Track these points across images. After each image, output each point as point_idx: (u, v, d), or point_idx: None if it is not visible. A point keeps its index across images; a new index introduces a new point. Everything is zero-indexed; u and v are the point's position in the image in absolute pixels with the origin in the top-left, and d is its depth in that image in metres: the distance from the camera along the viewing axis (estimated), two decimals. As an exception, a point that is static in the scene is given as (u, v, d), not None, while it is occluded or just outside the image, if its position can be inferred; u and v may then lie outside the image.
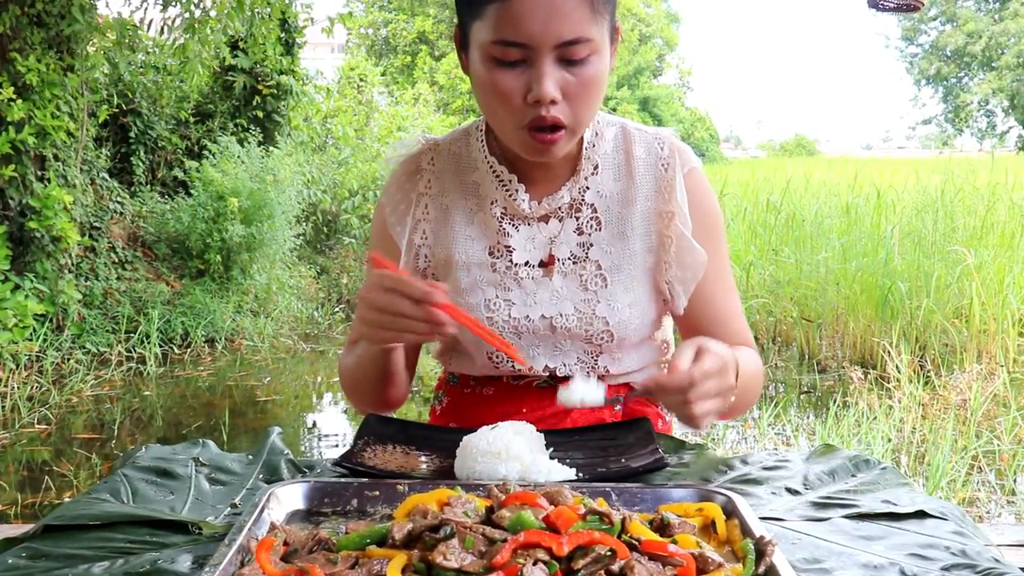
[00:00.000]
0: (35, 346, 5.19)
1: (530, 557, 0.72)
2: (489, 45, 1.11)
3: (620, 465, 1.09)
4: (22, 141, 5.11)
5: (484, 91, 1.16)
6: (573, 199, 1.28)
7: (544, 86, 1.10)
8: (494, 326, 1.29)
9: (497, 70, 1.12)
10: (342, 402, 5.21)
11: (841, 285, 5.76)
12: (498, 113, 1.16)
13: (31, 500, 3.48)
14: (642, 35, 35.72)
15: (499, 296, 1.29)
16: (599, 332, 1.29)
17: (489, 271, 1.29)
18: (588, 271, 1.28)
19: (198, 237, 6.69)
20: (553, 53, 1.10)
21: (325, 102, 10.27)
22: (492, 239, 1.30)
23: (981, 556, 0.84)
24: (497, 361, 1.32)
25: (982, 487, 3.47)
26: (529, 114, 1.13)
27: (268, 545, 0.78)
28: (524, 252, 1.29)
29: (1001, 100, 40.44)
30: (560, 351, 1.31)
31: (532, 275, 1.28)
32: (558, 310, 1.28)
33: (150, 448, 1.16)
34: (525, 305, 1.28)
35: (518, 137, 1.17)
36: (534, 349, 1.31)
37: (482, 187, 1.31)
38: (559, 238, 1.28)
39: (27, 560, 0.85)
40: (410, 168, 1.35)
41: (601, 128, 1.29)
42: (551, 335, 1.29)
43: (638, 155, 1.29)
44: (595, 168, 1.28)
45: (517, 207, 1.28)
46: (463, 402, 1.42)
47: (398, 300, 1.05)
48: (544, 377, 1.36)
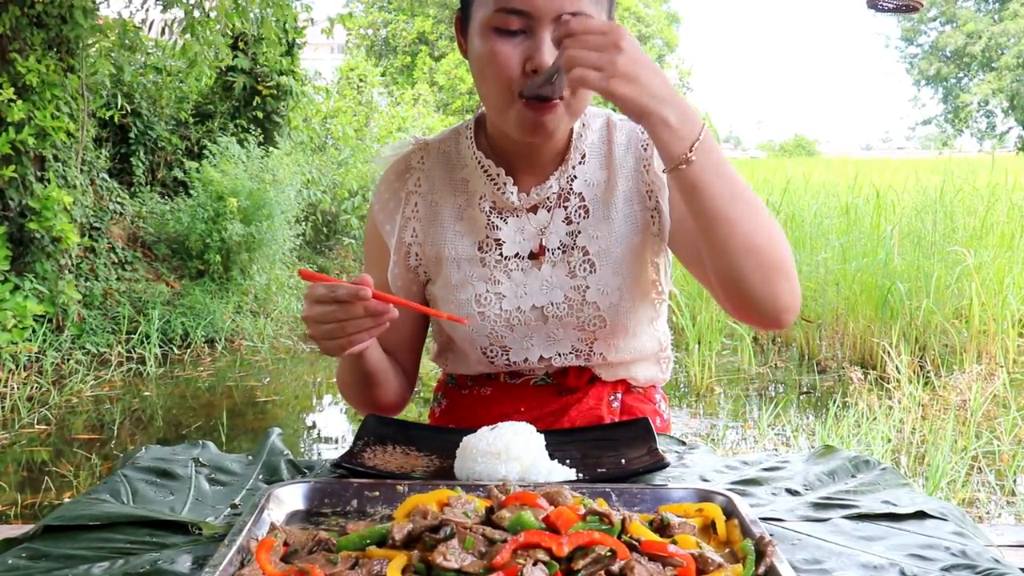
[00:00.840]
0: (35, 347, 5.20)
1: (530, 558, 0.72)
2: (491, 15, 1.12)
3: (620, 465, 1.09)
4: (22, 142, 5.11)
5: (482, 64, 1.16)
6: (561, 188, 1.29)
7: (543, 54, 1.10)
8: (485, 320, 1.29)
9: (497, 40, 1.13)
10: (342, 403, 5.22)
11: (841, 285, 5.76)
12: (494, 86, 1.16)
13: (31, 500, 3.48)
14: (642, 36, 35.67)
15: (489, 290, 1.29)
16: (591, 318, 1.29)
17: (479, 266, 1.30)
18: (576, 258, 1.28)
19: (198, 237, 6.69)
20: (553, 24, 1.10)
21: (325, 103, 10.28)
22: (481, 234, 1.30)
23: (981, 557, 0.84)
24: (491, 356, 1.33)
25: (982, 488, 3.47)
26: (525, 84, 1.13)
27: (268, 546, 0.78)
28: (514, 244, 1.29)
29: (1001, 101, 40.46)
30: (553, 340, 1.32)
31: (522, 267, 1.29)
32: (548, 299, 1.29)
33: (150, 449, 1.17)
34: (516, 297, 1.29)
35: (513, 112, 1.16)
36: (527, 340, 1.32)
37: (471, 183, 1.31)
38: (548, 228, 1.29)
39: (27, 560, 0.85)
40: (400, 168, 1.36)
41: (588, 119, 1.31)
42: (543, 325, 1.30)
43: (619, 141, 1.30)
44: (582, 158, 1.30)
45: (505, 199, 1.28)
46: (461, 403, 1.43)
47: (333, 308, 1.06)
48: (541, 375, 1.36)
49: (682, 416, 4.53)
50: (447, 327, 1.37)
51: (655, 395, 1.46)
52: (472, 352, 1.34)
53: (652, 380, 1.44)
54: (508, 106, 1.16)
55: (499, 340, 1.32)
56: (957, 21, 41.30)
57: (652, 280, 1.34)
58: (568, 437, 1.19)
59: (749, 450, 4.02)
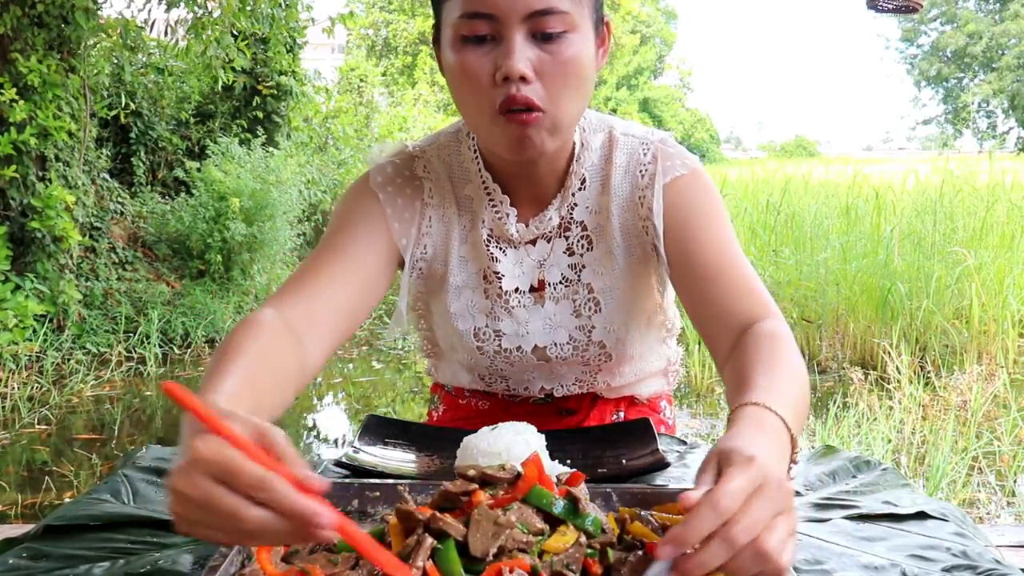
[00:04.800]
0: (35, 346, 5.20)
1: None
2: (457, 22, 1.00)
3: (620, 465, 1.09)
4: (24, 142, 5.11)
5: (454, 77, 1.04)
6: (561, 218, 1.17)
7: (512, 59, 0.98)
8: (484, 355, 1.23)
9: (465, 50, 1.01)
10: (343, 402, 5.21)
11: (841, 286, 5.76)
12: (470, 102, 1.04)
13: (31, 500, 3.48)
14: (642, 36, 35.67)
15: (489, 326, 1.21)
16: (595, 356, 1.24)
17: (481, 297, 1.21)
18: (580, 295, 1.19)
19: (199, 237, 6.69)
20: (523, 27, 0.98)
21: (325, 103, 10.28)
22: (483, 262, 1.20)
23: (982, 557, 0.84)
24: (489, 382, 1.30)
25: (982, 488, 3.46)
26: (499, 95, 1.00)
27: (268, 546, 0.78)
28: (513, 278, 1.19)
29: (1001, 101, 40.46)
30: (556, 376, 1.28)
31: (523, 302, 1.20)
32: (551, 339, 1.21)
33: (151, 448, 1.16)
34: (517, 336, 1.21)
35: (495, 128, 1.03)
36: (529, 374, 1.27)
37: (474, 202, 1.19)
38: (548, 260, 1.19)
39: (28, 560, 0.85)
40: (406, 174, 1.20)
41: (588, 137, 1.17)
42: (545, 364, 1.25)
43: (618, 163, 1.16)
44: (582, 183, 1.17)
45: (504, 230, 1.17)
46: (458, 413, 1.40)
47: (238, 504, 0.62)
48: (540, 397, 1.33)
49: (682, 416, 4.53)
50: (444, 347, 1.31)
51: (660, 403, 1.42)
52: (468, 375, 1.31)
53: (658, 393, 1.40)
54: (489, 122, 1.03)
55: (498, 372, 1.27)
56: (958, 22, 41.31)
57: (659, 308, 1.28)
58: (569, 437, 1.19)
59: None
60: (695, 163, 1.17)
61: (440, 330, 1.28)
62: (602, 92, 34.27)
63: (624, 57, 35.05)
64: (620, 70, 35.25)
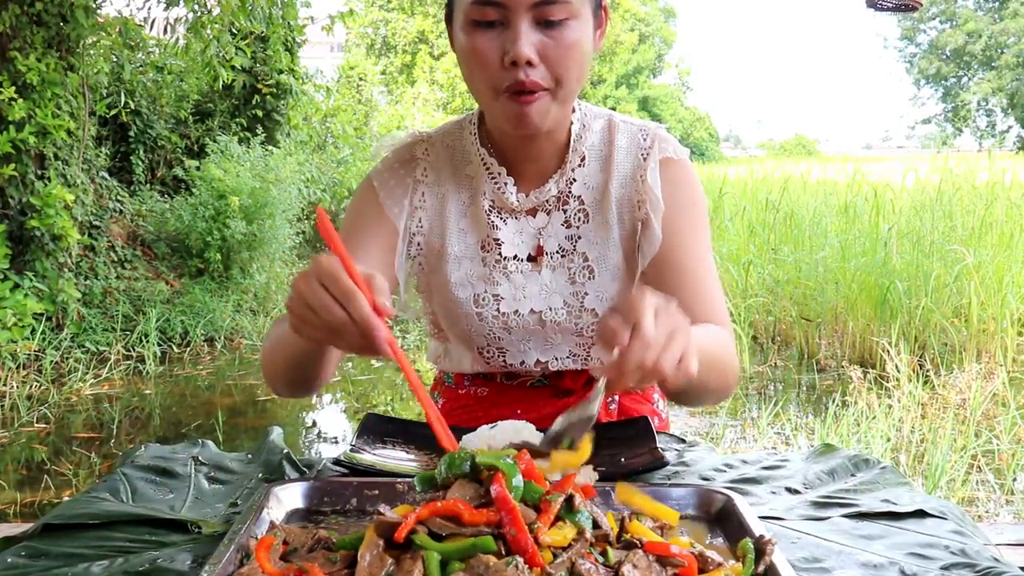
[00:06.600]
0: (34, 345, 5.19)
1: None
2: (469, 7, 1.11)
3: (620, 464, 1.09)
4: (23, 140, 5.11)
5: (465, 58, 1.15)
6: (560, 191, 1.27)
7: (519, 46, 1.08)
8: (483, 322, 1.29)
9: (475, 33, 1.11)
10: (342, 401, 5.22)
11: (840, 284, 5.76)
12: (478, 80, 1.14)
13: (30, 499, 3.48)
14: (641, 35, 35.67)
15: (488, 291, 1.28)
16: (589, 324, 1.29)
17: (480, 265, 1.28)
18: (576, 264, 1.27)
19: (198, 236, 6.69)
20: (529, 14, 1.08)
21: (325, 101, 10.28)
22: (483, 232, 1.28)
23: (980, 555, 0.84)
24: (487, 356, 1.33)
25: (981, 486, 3.47)
26: (507, 78, 1.10)
27: (267, 544, 0.78)
28: (512, 246, 1.27)
29: (1001, 99, 40.48)
30: (551, 345, 1.32)
31: (521, 269, 1.28)
32: (547, 304, 1.28)
33: (149, 447, 1.17)
34: (514, 300, 1.28)
35: (498, 105, 1.14)
36: (525, 344, 1.31)
37: (475, 180, 1.29)
38: (547, 231, 1.27)
39: (26, 559, 0.85)
40: (404, 156, 1.30)
41: (589, 120, 1.28)
42: (541, 329, 1.29)
43: (620, 144, 1.27)
44: (582, 160, 1.27)
45: (505, 200, 1.26)
46: (458, 403, 1.43)
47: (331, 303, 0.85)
48: (537, 376, 1.36)
49: (681, 414, 4.53)
50: (444, 324, 1.36)
51: (653, 395, 1.46)
52: (468, 352, 1.34)
53: None
54: (493, 99, 1.14)
55: (496, 342, 1.31)
56: (957, 20, 41.33)
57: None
58: (568, 436, 1.19)
59: (749, 449, 4.02)
60: (687, 155, 1.30)
61: (440, 304, 1.32)
62: (601, 91, 34.26)
63: (623, 56, 35.05)
64: (619, 69, 35.25)
